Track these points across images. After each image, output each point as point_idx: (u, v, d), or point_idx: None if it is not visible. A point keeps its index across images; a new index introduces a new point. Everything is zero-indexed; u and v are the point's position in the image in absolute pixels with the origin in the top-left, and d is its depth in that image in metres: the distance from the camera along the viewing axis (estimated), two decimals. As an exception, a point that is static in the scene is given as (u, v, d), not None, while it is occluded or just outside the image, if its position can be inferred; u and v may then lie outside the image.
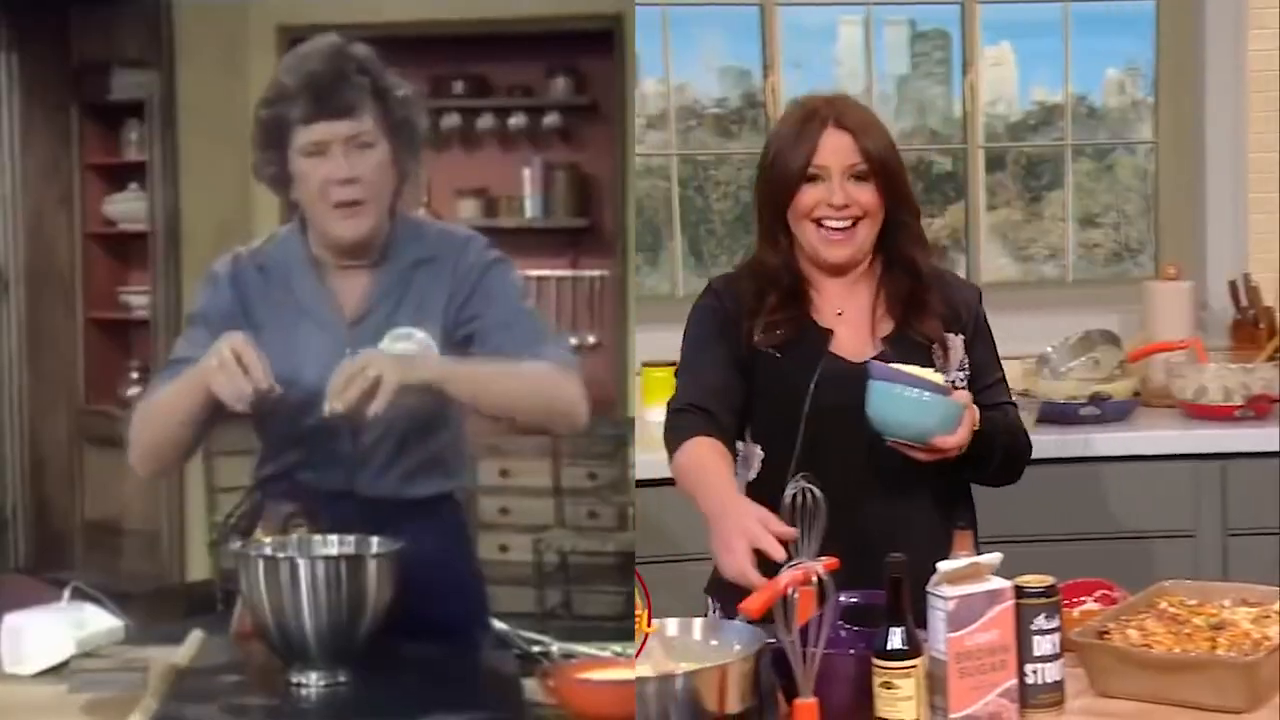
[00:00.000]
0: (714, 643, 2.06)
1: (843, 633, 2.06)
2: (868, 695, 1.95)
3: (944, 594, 1.97)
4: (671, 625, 2.08)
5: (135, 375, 5.67)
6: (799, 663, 1.93)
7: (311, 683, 2.00)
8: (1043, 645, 2.02)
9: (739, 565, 2.04)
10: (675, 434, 2.37)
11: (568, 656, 2.12)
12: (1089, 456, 3.60)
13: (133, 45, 5.50)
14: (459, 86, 5.56)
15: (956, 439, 2.28)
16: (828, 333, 2.45)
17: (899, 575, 1.97)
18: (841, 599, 2.05)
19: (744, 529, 2.06)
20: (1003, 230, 4.66)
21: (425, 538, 2.20)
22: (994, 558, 2.03)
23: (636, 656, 1.99)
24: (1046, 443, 3.51)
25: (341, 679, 2.00)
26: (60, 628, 2.19)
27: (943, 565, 1.99)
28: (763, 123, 4.40)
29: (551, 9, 5.18)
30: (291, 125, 2.20)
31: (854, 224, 2.42)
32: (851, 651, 2.02)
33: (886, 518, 2.36)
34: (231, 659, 2.14)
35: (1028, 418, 3.60)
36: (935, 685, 1.97)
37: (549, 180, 5.57)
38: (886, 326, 2.47)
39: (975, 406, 2.35)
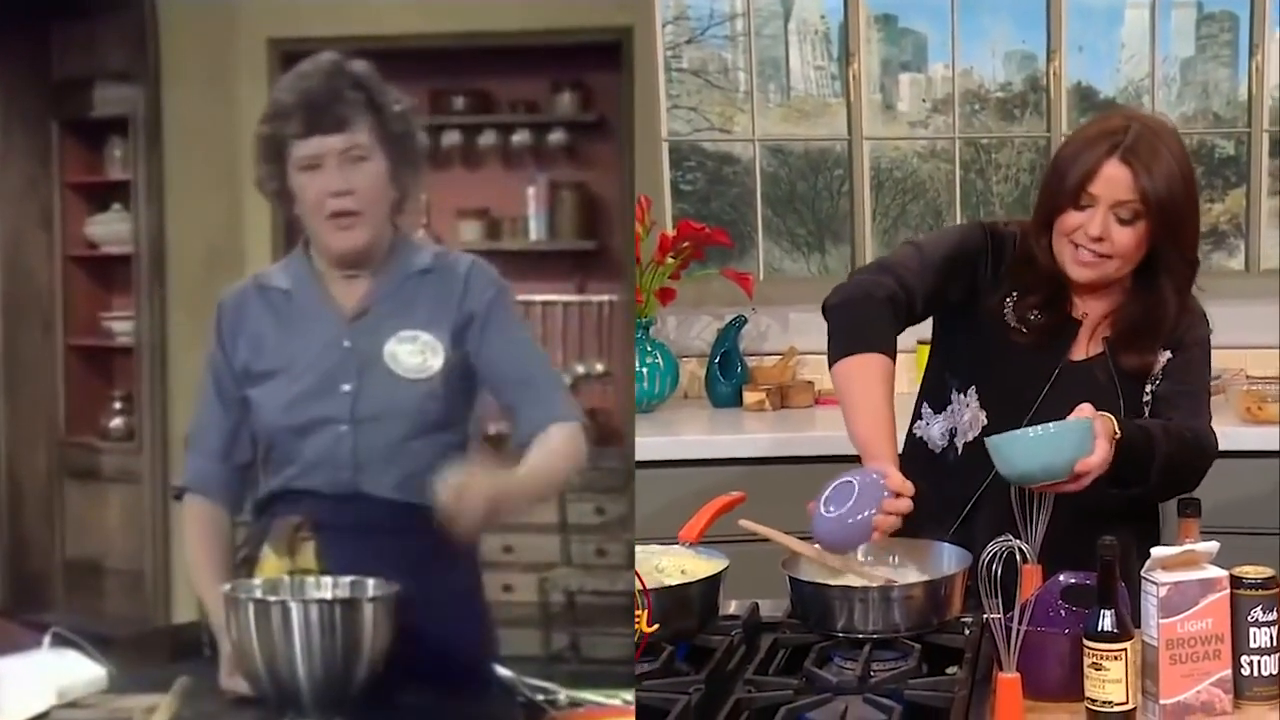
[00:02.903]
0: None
1: (1063, 612, 2.18)
2: (1081, 675, 2.06)
3: (1157, 579, 2.05)
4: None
5: (118, 405, 5.67)
6: (1002, 638, 2.03)
7: (305, 734, 1.99)
8: (1260, 637, 2.09)
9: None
10: (861, 285, 2.60)
11: (575, 704, 2.11)
12: None
13: (116, 59, 5.51)
14: (460, 102, 5.58)
15: (1097, 457, 2.38)
16: (1077, 325, 2.66)
17: (1110, 558, 2.06)
18: (1062, 579, 2.22)
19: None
20: (1285, 216, 4.83)
21: (431, 557, 2.26)
22: (1211, 546, 2.11)
23: (637, 658, 2.11)
24: None
25: (336, 730, 2.00)
26: (40, 676, 2.18)
27: (1157, 551, 2.08)
28: (1044, 107, 4.74)
29: (557, 21, 5.19)
30: (288, 141, 2.32)
31: (1105, 257, 2.57)
32: (1066, 631, 2.13)
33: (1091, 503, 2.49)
34: (220, 708, 2.13)
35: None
36: (1147, 670, 2.06)
37: (554, 200, 5.57)
38: (1109, 331, 2.67)
39: (1109, 416, 2.46)
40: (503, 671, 2.20)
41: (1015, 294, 2.67)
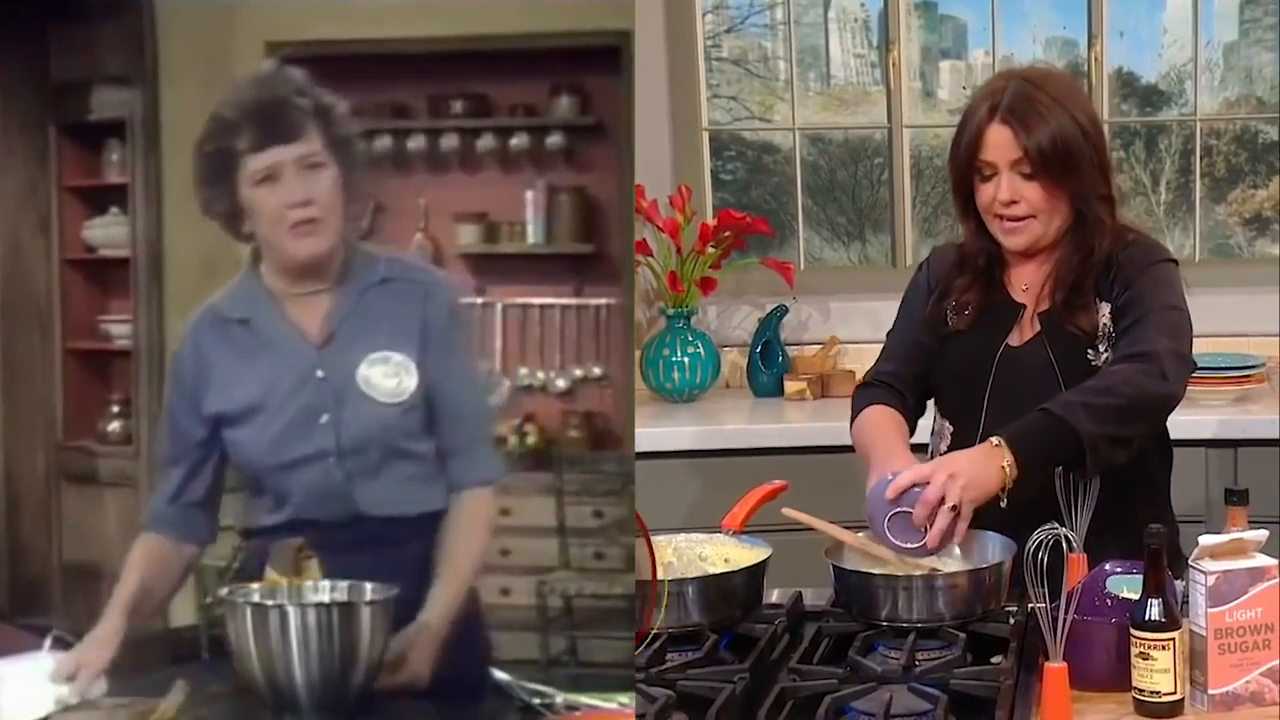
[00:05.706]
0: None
1: (1109, 601, 2.18)
2: (1128, 665, 2.06)
3: (1204, 568, 2.04)
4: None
5: (116, 409, 5.67)
6: (1049, 627, 2.03)
7: (302, 737, 2.00)
8: None
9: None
10: (856, 403, 2.71)
11: (572, 708, 2.12)
12: None
13: (114, 62, 5.51)
14: (458, 106, 5.58)
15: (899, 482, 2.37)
16: (1019, 309, 2.63)
17: (1158, 547, 2.06)
18: (1107, 568, 2.22)
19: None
20: (1327, 203, 4.81)
21: (426, 563, 2.29)
22: (1260, 534, 2.10)
23: (637, 664, 2.09)
24: None
25: (334, 733, 2.01)
26: (39, 679, 2.19)
27: (1205, 539, 2.07)
28: (1085, 93, 4.67)
29: (555, 25, 5.20)
30: (239, 156, 2.26)
31: (1028, 218, 2.56)
32: (1113, 621, 2.12)
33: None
34: (218, 710, 2.14)
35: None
36: (1195, 660, 2.05)
37: (552, 204, 5.57)
38: (1046, 304, 2.63)
39: (996, 442, 2.39)
40: (500, 675, 2.20)
41: (953, 295, 2.69)
